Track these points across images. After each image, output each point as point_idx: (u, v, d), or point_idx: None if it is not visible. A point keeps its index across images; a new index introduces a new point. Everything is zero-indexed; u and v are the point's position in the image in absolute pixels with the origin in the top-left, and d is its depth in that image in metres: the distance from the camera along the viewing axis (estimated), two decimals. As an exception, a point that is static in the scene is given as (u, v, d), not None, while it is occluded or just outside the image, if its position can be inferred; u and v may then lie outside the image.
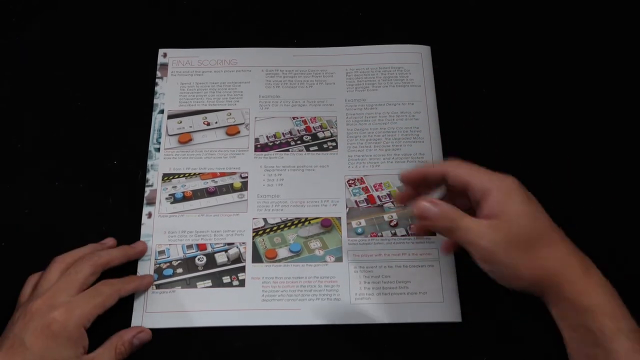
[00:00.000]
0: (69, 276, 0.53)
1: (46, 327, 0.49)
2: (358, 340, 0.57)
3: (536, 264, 0.48)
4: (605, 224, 0.63)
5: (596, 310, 0.46)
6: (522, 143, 0.67)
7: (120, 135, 0.67)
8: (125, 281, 0.56)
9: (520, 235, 0.48)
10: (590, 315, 0.46)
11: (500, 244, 0.48)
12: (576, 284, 0.47)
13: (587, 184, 0.64)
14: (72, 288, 0.52)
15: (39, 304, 0.50)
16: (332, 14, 0.75)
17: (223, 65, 0.71)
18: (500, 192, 0.50)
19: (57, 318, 0.49)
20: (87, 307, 0.51)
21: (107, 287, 0.54)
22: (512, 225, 0.48)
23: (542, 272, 0.48)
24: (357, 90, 0.69)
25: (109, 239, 0.60)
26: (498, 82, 0.70)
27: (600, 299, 0.47)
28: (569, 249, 0.49)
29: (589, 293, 0.47)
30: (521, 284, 0.49)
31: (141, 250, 0.60)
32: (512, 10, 0.75)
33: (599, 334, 0.45)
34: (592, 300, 0.46)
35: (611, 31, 0.73)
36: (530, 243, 0.48)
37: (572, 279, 0.47)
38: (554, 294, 0.48)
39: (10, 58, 0.71)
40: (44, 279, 0.54)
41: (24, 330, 0.49)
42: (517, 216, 0.49)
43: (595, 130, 0.67)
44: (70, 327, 0.49)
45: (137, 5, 0.75)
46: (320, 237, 0.62)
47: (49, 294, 0.51)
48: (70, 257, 0.56)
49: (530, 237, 0.48)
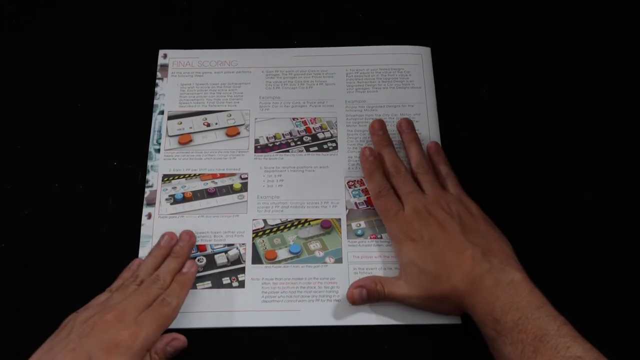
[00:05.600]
0: (141, 296, 0.54)
1: (114, 345, 0.50)
2: (358, 341, 0.57)
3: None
4: (605, 224, 0.63)
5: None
6: (522, 143, 0.67)
7: (120, 136, 0.67)
8: (181, 293, 0.56)
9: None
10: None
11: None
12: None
13: (587, 184, 0.65)
14: (142, 305, 0.53)
15: (109, 318, 0.51)
16: (332, 15, 0.75)
17: (223, 66, 0.71)
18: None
19: (124, 340, 0.50)
20: (152, 329, 0.52)
21: (167, 309, 0.54)
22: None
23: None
24: (358, 92, 0.69)
25: (167, 239, 0.60)
26: (498, 83, 0.70)
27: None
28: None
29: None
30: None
31: (192, 242, 0.60)
32: (512, 10, 0.75)
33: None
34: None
35: (611, 31, 0.73)
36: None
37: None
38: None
39: (10, 58, 0.71)
40: (120, 291, 0.54)
41: (89, 339, 0.50)
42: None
43: (595, 130, 0.67)
44: (135, 349, 0.50)
45: (137, 6, 0.75)
46: (320, 238, 0.62)
47: (120, 309, 0.52)
48: (146, 269, 0.57)
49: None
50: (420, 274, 0.55)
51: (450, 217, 0.57)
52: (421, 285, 0.55)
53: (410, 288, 0.56)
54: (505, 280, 0.51)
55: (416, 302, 0.56)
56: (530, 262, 0.54)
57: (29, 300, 0.59)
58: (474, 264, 0.53)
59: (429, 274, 0.55)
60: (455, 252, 0.54)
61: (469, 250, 0.54)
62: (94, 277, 0.58)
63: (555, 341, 0.47)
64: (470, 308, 0.53)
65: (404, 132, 0.65)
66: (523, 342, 0.48)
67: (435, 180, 0.61)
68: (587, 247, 0.62)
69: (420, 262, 0.55)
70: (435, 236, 0.56)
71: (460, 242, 0.55)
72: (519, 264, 0.54)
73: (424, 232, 0.56)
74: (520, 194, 0.64)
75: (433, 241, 0.56)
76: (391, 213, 0.59)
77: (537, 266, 0.54)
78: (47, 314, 0.54)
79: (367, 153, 0.63)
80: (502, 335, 0.49)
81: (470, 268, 0.53)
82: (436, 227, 0.56)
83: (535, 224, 0.62)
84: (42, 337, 0.52)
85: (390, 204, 0.60)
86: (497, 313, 0.50)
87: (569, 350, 0.46)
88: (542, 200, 0.64)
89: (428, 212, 0.58)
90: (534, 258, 0.55)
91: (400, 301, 0.57)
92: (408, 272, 0.56)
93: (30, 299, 0.59)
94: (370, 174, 0.62)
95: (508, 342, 0.49)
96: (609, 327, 0.57)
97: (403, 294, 0.56)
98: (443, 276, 0.54)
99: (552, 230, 0.62)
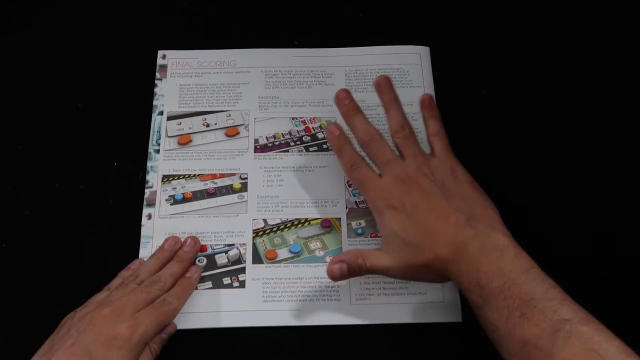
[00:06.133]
0: (140, 294, 0.54)
1: (112, 338, 0.50)
2: (358, 340, 0.57)
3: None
4: (605, 224, 0.63)
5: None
6: (521, 143, 0.67)
7: (120, 137, 0.67)
8: (183, 296, 0.57)
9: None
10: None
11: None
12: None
13: (587, 184, 0.65)
14: (141, 303, 0.53)
15: (107, 312, 0.51)
16: (332, 15, 0.75)
17: (222, 67, 0.71)
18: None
19: (123, 333, 0.50)
20: (151, 326, 0.52)
21: (167, 308, 0.54)
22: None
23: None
24: (357, 91, 0.69)
25: (171, 243, 0.60)
26: (498, 83, 0.70)
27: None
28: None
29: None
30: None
31: (196, 248, 0.60)
32: (512, 10, 0.75)
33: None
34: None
35: (611, 31, 0.73)
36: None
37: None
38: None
39: (10, 58, 0.71)
40: (119, 289, 0.55)
41: (87, 334, 0.50)
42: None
43: (595, 130, 0.67)
44: (133, 342, 0.50)
45: (136, 7, 0.75)
46: (320, 237, 0.62)
47: (119, 304, 0.52)
48: (147, 270, 0.57)
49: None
50: (403, 244, 0.53)
51: (433, 182, 0.55)
52: (403, 256, 0.53)
53: (392, 259, 0.53)
54: (490, 244, 0.50)
55: (399, 273, 0.54)
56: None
57: (29, 300, 0.59)
58: (458, 230, 0.51)
59: (411, 244, 0.53)
60: (439, 219, 0.52)
61: (453, 217, 0.52)
62: (94, 278, 0.58)
63: (542, 305, 0.45)
64: (454, 275, 0.51)
65: (382, 92, 0.60)
66: (509, 308, 0.46)
67: (416, 144, 0.58)
68: (587, 246, 0.62)
69: (402, 232, 0.53)
70: (417, 203, 0.53)
71: (444, 209, 0.53)
72: (504, 228, 0.52)
73: (405, 200, 0.54)
74: (520, 194, 0.64)
75: (415, 209, 0.53)
76: (369, 183, 0.56)
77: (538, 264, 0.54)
78: (47, 314, 0.54)
79: (332, 128, 0.59)
80: (487, 302, 0.48)
81: (454, 234, 0.51)
82: (418, 193, 0.54)
83: (535, 223, 0.63)
84: (42, 337, 0.52)
85: (365, 174, 0.57)
86: (482, 279, 0.49)
87: (556, 314, 0.45)
88: (542, 200, 0.64)
89: (409, 179, 0.55)
90: (534, 256, 0.55)
91: (382, 273, 0.55)
92: (390, 243, 0.54)
93: (30, 299, 0.59)
94: (339, 149, 0.58)
95: (494, 309, 0.47)
96: (608, 327, 0.57)
97: (385, 266, 0.54)
98: (426, 245, 0.52)
99: (552, 229, 0.62)
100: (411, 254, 0.53)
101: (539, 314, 0.45)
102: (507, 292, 0.47)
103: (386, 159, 0.57)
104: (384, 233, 0.55)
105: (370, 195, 0.56)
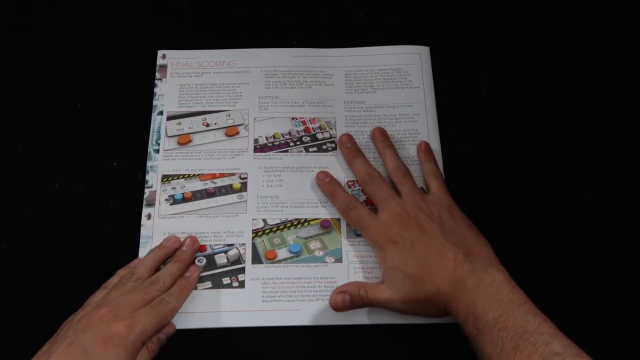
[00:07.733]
0: (138, 294, 0.54)
1: (109, 337, 0.50)
2: (358, 341, 0.57)
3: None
4: (605, 223, 0.63)
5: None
6: (521, 144, 0.67)
7: (119, 137, 0.67)
8: (181, 296, 0.57)
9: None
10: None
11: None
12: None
13: (586, 184, 0.65)
14: (139, 302, 0.53)
15: (104, 312, 0.51)
16: (332, 15, 0.75)
17: (222, 67, 0.71)
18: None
19: (120, 332, 0.50)
20: (149, 325, 0.52)
21: (166, 307, 0.55)
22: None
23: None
24: (356, 92, 0.69)
25: (170, 240, 0.60)
26: (497, 83, 0.70)
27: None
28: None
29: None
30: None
31: (195, 248, 0.60)
32: (512, 10, 0.75)
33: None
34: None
35: (611, 31, 0.73)
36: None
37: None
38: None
39: (10, 58, 0.71)
40: (117, 288, 0.55)
41: (84, 334, 0.50)
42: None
43: (595, 130, 0.68)
44: (130, 341, 0.50)
45: (136, 7, 0.75)
46: (319, 237, 0.62)
47: (116, 304, 0.52)
48: (144, 266, 0.57)
49: None
50: (405, 277, 0.55)
51: (430, 219, 0.57)
52: (405, 289, 0.55)
53: (394, 292, 0.55)
54: (487, 280, 0.52)
55: (400, 306, 0.56)
56: (529, 261, 0.54)
57: (29, 300, 0.59)
58: (456, 265, 0.53)
59: (412, 277, 0.55)
60: (437, 254, 0.55)
61: (451, 252, 0.54)
62: (93, 277, 0.58)
63: (534, 338, 0.47)
64: (453, 309, 0.53)
65: (377, 139, 0.65)
66: (503, 340, 0.48)
67: (413, 183, 0.61)
68: (586, 247, 0.62)
69: (404, 265, 0.55)
70: (416, 238, 0.56)
71: (441, 244, 0.55)
72: (500, 265, 0.54)
73: (404, 234, 0.56)
74: (519, 194, 0.64)
75: (414, 244, 0.56)
76: (366, 221, 0.59)
77: (536, 265, 0.54)
78: (47, 313, 0.54)
79: (321, 176, 0.63)
80: (483, 333, 0.49)
81: (453, 270, 0.53)
82: (416, 229, 0.56)
83: (534, 223, 0.63)
84: (42, 337, 0.52)
85: (361, 213, 0.60)
86: (478, 311, 0.50)
87: (547, 347, 0.46)
88: (541, 201, 0.64)
89: (407, 215, 0.57)
90: (532, 258, 0.55)
91: (384, 306, 0.56)
92: (392, 276, 0.56)
93: (30, 299, 0.59)
94: (332, 193, 0.62)
95: (489, 340, 0.49)
96: (607, 329, 0.57)
97: (387, 298, 0.55)
98: (426, 278, 0.54)
99: (551, 230, 0.62)
100: (412, 287, 0.54)
101: (531, 347, 0.46)
102: (502, 324, 0.48)
103: (385, 197, 0.59)
104: (385, 267, 0.57)
105: (370, 232, 0.59)
